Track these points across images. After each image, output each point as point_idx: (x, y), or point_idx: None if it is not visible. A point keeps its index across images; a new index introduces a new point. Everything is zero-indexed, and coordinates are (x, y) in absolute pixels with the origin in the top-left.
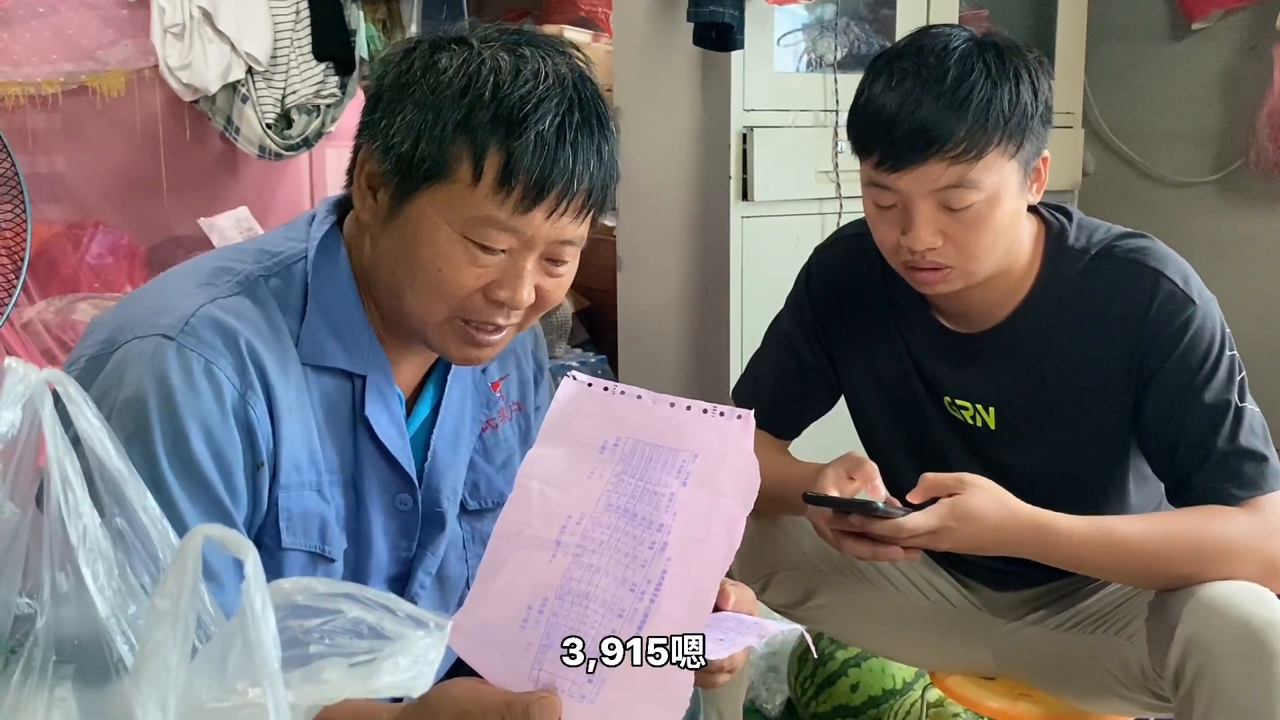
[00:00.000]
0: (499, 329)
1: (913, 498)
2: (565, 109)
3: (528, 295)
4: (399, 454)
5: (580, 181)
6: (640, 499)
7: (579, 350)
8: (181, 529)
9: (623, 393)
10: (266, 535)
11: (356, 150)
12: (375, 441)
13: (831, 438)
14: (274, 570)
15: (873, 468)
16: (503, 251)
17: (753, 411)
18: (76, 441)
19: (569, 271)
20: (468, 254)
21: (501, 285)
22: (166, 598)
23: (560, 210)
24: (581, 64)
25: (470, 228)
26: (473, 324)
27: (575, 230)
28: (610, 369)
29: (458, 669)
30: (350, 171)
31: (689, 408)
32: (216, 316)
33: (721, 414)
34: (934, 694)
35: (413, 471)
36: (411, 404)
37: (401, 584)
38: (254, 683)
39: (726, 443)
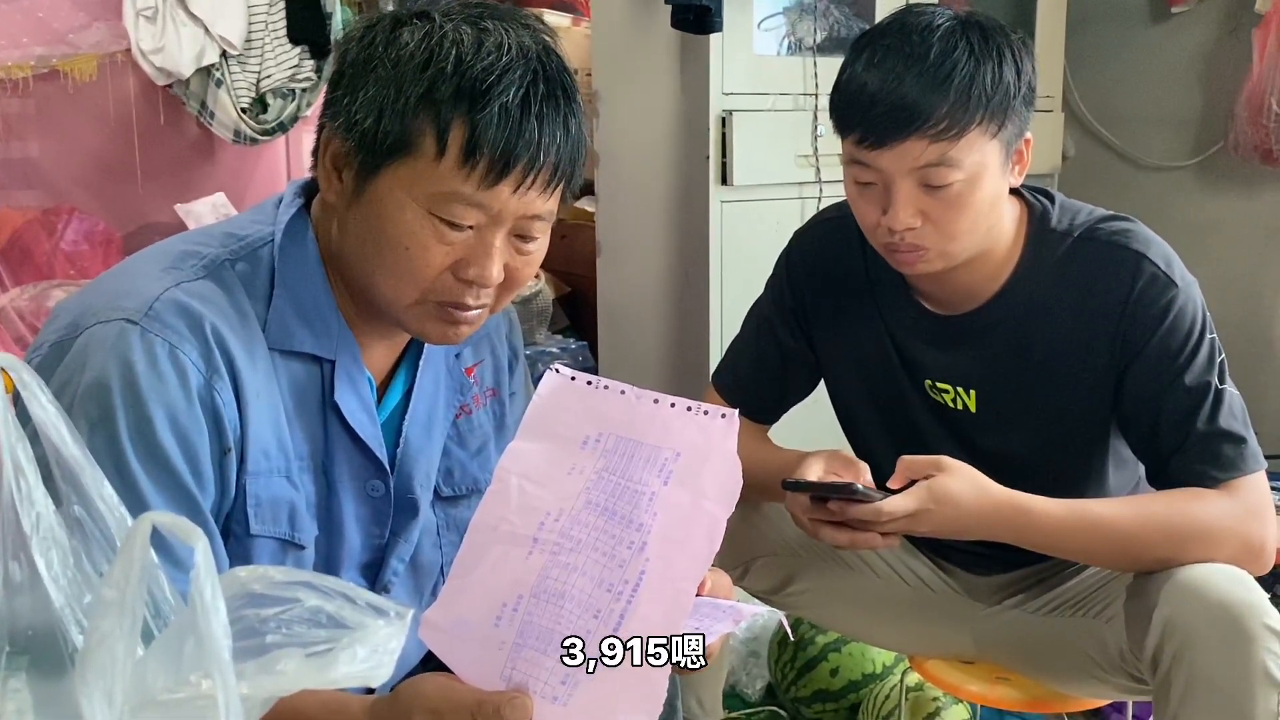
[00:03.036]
0: (470, 309)
1: (892, 483)
2: (529, 81)
3: (497, 273)
4: (370, 440)
5: (546, 154)
6: (620, 497)
7: (559, 336)
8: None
9: (606, 387)
10: (235, 522)
11: (320, 131)
12: (346, 427)
13: (811, 422)
14: (243, 557)
15: (864, 467)
16: (470, 228)
17: (737, 411)
18: (35, 438)
19: (539, 249)
20: (435, 231)
21: (470, 263)
22: (113, 587)
23: (527, 184)
24: (546, 37)
25: (436, 204)
26: (444, 304)
27: (544, 205)
28: (591, 355)
29: (429, 663)
30: (315, 153)
31: (673, 405)
32: (181, 301)
33: (705, 412)
34: (913, 678)
35: (384, 457)
36: (383, 390)
37: (374, 571)
38: (207, 674)
39: (710, 442)
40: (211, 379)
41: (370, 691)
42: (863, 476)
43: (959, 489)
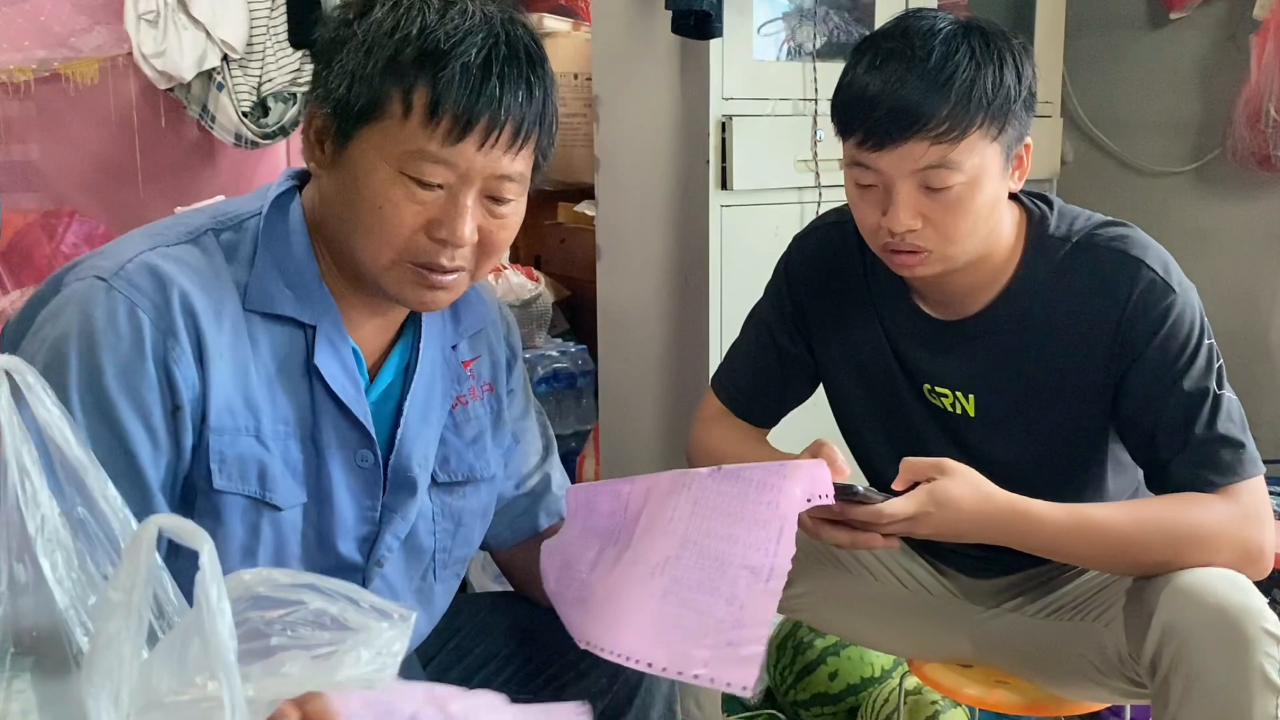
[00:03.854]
0: (447, 271)
1: (895, 485)
2: (491, 43)
3: (469, 232)
4: (353, 405)
5: (509, 113)
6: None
7: (559, 340)
8: None
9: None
10: (198, 477)
11: (307, 108)
12: (330, 393)
13: (810, 426)
14: (211, 513)
15: (833, 449)
16: (439, 187)
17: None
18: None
19: (513, 213)
20: (405, 190)
21: (442, 223)
22: (119, 590)
23: (491, 142)
24: (514, 10)
25: (405, 163)
26: (419, 266)
27: (511, 165)
28: (590, 358)
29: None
30: (304, 131)
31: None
32: (153, 263)
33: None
34: (912, 681)
35: (370, 426)
36: (377, 370)
37: (369, 546)
38: (213, 676)
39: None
40: (166, 338)
41: None
42: (835, 461)
43: (960, 492)
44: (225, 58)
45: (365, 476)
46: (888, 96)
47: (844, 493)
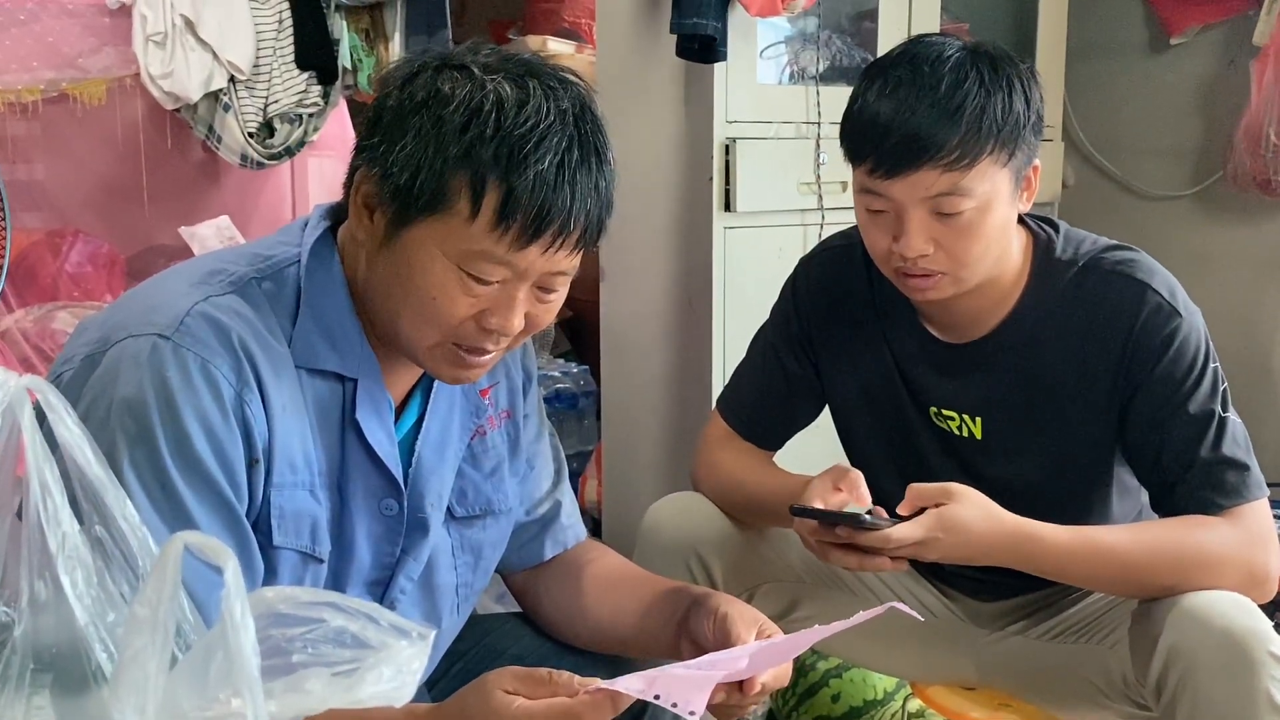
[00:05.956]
0: (488, 353)
1: (901, 510)
2: (565, 147)
3: (518, 323)
4: (387, 459)
5: (577, 220)
6: None
7: (561, 360)
8: (191, 528)
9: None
10: (259, 533)
11: (354, 170)
12: (364, 446)
13: (816, 448)
14: (267, 568)
15: (857, 475)
16: (496, 283)
17: None
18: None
19: (559, 298)
20: (462, 284)
21: (493, 313)
22: (146, 606)
23: (555, 246)
24: (584, 95)
25: (466, 260)
26: (463, 348)
27: (568, 262)
28: (593, 379)
29: (432, 687)
30: (347, 186)
31: None
32: (210, 314)
33: None
34: (915, 704)
35: (400, 476)
36: (400, 410)
37: (382, 588)
38: (236, 692)
39: None
40: (242, 391)
41: None
42: (858, 489)
43: (969, 516)
44: (232, 79)
45: (389, 524)
46: (898, 125)
47: (851, 520)
